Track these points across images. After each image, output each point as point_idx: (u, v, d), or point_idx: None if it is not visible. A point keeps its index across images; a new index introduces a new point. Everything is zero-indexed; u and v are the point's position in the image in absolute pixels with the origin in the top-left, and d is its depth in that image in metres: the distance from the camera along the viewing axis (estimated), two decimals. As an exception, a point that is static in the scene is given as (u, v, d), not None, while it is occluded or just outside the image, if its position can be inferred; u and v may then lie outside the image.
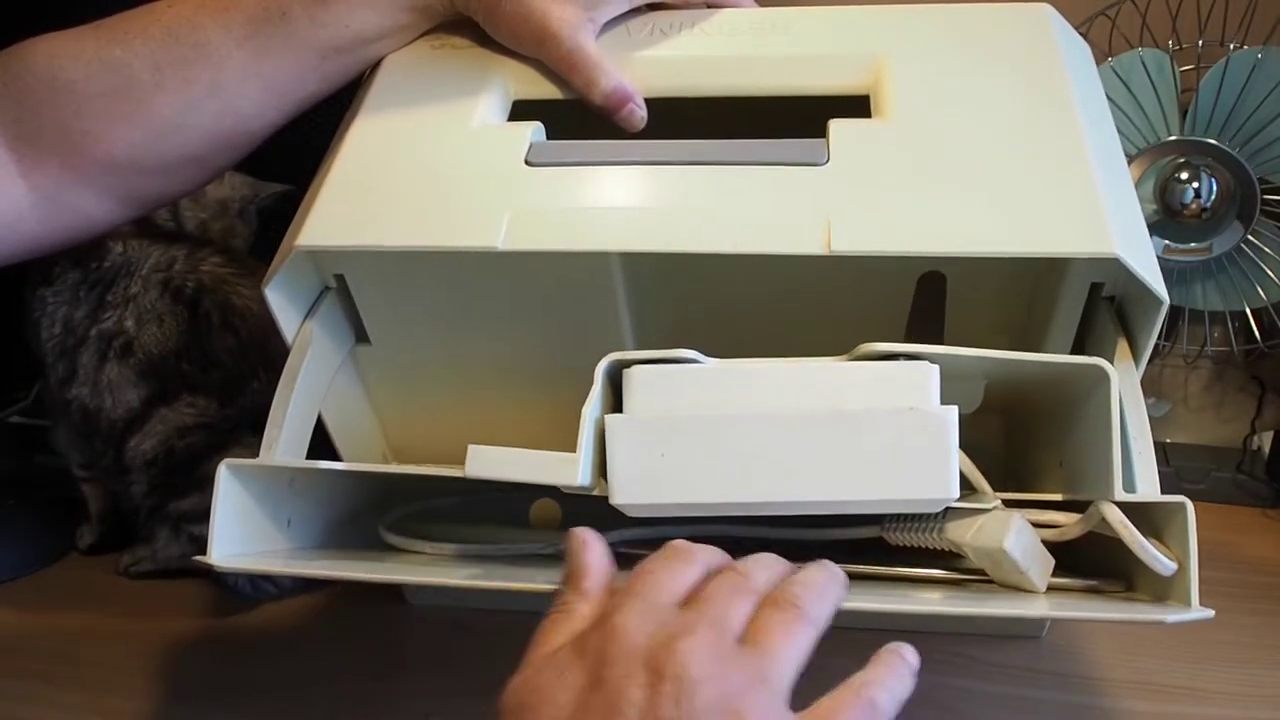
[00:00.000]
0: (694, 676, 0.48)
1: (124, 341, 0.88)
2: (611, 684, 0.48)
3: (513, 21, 0.76)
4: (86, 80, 0.74)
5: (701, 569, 0.55)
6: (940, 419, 0.56)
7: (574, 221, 0.65)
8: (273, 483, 0.70)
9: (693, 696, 0.47)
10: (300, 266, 0.72)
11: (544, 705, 0.50)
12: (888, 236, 0.62)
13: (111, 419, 0.89)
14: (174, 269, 0.89)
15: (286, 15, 0.75)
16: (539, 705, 0.50)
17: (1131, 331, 0.66)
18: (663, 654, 0.49)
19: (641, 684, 0.48)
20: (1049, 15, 0.76)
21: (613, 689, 0.48)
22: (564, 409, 0.60)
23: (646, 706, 0.47)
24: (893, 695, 0.54)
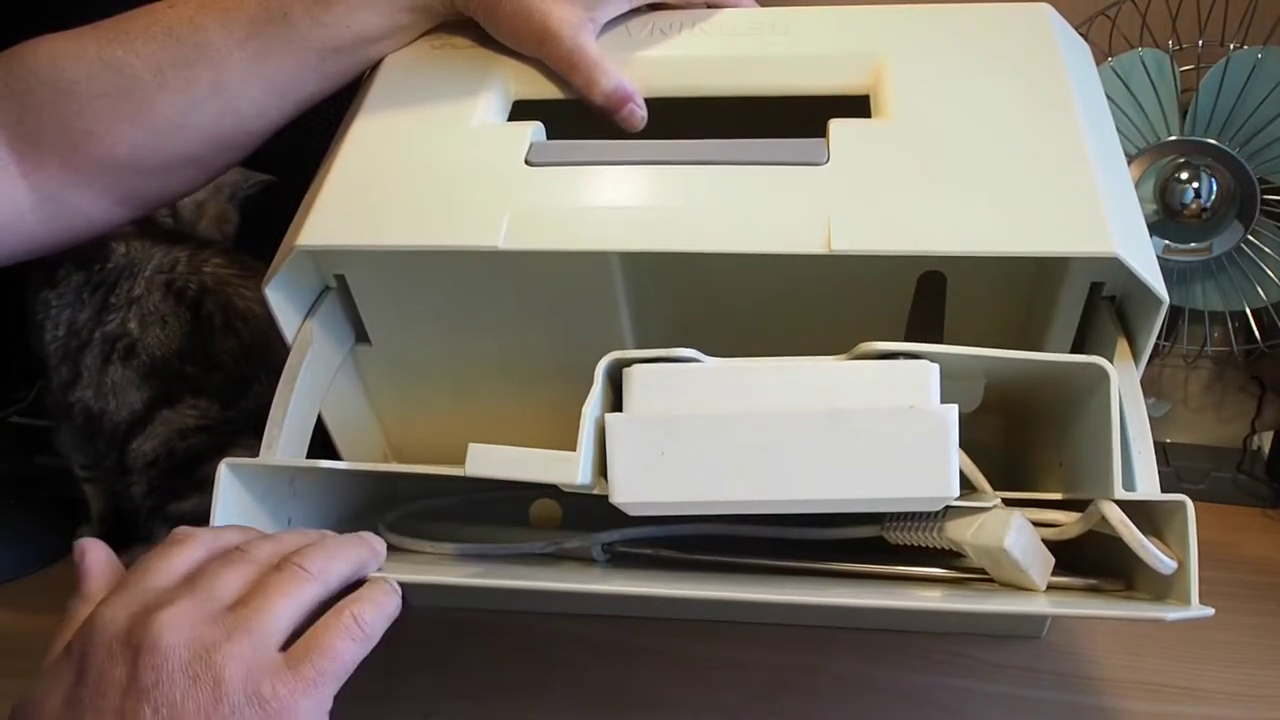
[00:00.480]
0: (169, 642, 0.49)
1: (127, 344, 0.88)
2: (94, 671, 0.50)
3: (513, 21, 0.76)
4: (88, 80, 0.74)
5: (203, 551, 0.57)
6: (940, 417, 0.56)
7: (574, 221, 0.65)
8: (273, 482, 0.70)
9: (169, 659, 0.49)
10: (300, 266, 0.72)
11: (38, 715, 0.50)
12: (888, 236, 0.62)
13: (115, 421, 0.88)
14: (176, 270, 0.89)
15: (287, 16, 0.75)
16: (34, 717, 0.50)
17: (1131, 331, 0.66)
18: (139, 629, 0.50)
19: (122, 662, 0.49)
20: (1049, 15, 0.77)
21: (95, 675, 0.49)
22: (564, 409, 0.60)
23: (128, 683, 0.49)
24: (378, 609, 0.57)
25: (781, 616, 0.84)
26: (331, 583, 0.57)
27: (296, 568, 0.55)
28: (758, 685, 0.78)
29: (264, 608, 0.53)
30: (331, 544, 0.59)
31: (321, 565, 0.56)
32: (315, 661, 0.53)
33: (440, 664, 0.81)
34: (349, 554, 0.59)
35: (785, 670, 0.79)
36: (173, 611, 0.51)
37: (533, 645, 0.82)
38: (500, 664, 0.81)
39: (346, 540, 0.60)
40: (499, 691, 0.77)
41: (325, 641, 0.54)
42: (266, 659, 0.51)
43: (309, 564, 0.56)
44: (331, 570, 0.57)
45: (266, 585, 0.54)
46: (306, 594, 0.55)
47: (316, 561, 0.56)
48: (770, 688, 0.77)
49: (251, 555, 0.57)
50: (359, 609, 0.56)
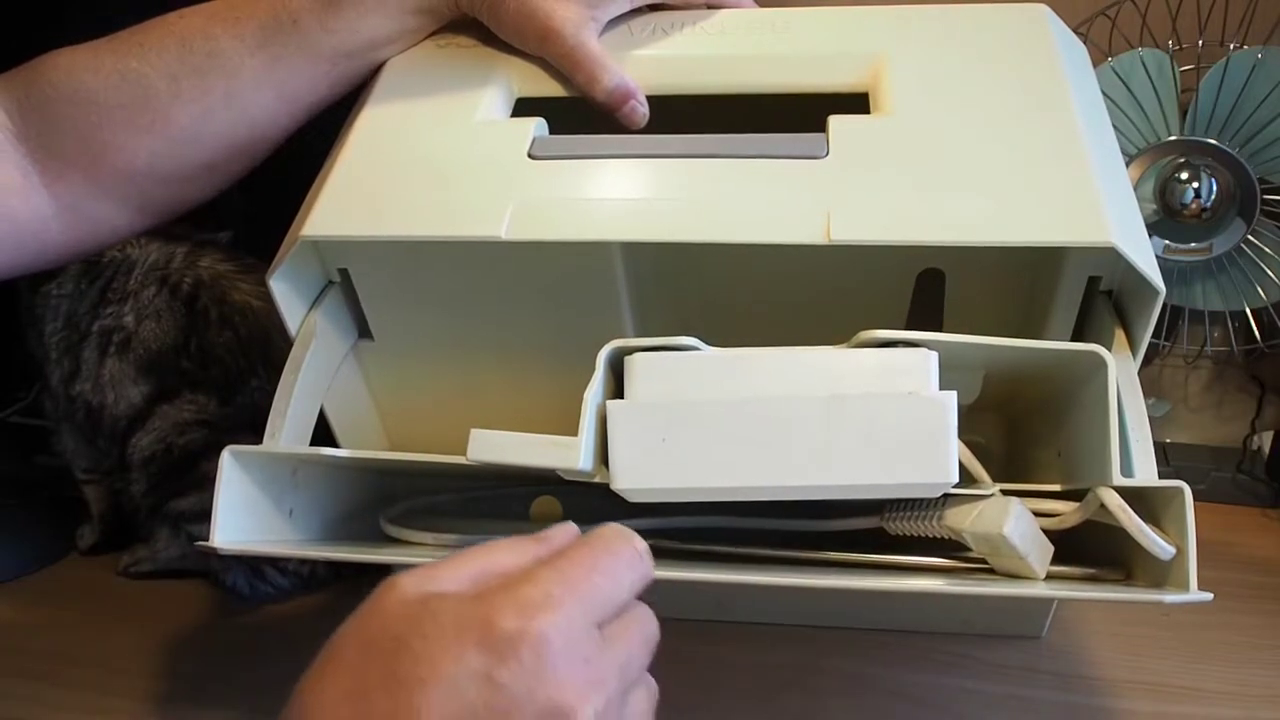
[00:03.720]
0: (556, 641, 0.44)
1: (123, 337, 0.88)
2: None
3: (516, 19, 0.77)
4: (106, 92, 0.75)
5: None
6: (939, 403, 0.57)
7: (576, 212, 0.66)
8: (276, 472, 0.70)
9: (549, 665, 0.44)
10: (305, 258, 0.73)
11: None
12: (887, 227, 0.62)
13: (114, 415, 0.89)
14: (172, 265, 0.90)
15: (297, 23, 0.76)
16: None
17: (1129, 324, 0.67)
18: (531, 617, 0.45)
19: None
20: (1046, 15, 0.77)
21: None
22: (565, 401, 0.61)
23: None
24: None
25: (781, 616, 0.84)
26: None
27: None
28: (758, 685, 0.78)
29: (631, 650, 0.49)
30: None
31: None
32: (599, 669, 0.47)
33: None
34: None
35: (785, 670, 0.79)
36: (561, 614, 0.45)
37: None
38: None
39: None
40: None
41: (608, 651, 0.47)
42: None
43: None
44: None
45: (635, 620, 0.50)
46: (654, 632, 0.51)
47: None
48: (770, 688, 0.77)
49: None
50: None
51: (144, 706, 0.79)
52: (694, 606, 0.84)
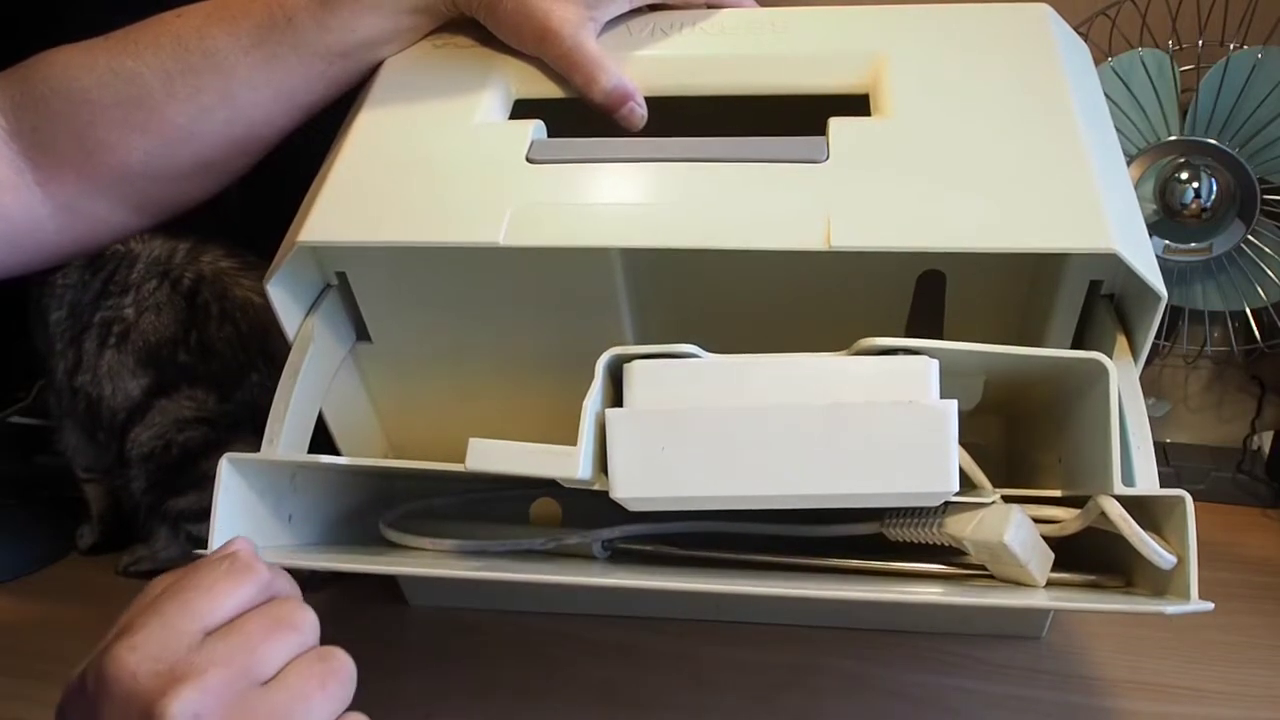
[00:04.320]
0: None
1: (122, 328, 0.88)
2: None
3: (514, 19, 0.77)
4: (100, 91, 0.75)
5: (255, 593, 0.53)
6: (939, 412, 0.56)
7: (575, 217, 0.65)
8: (274, 477, 0.70)
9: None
10: (302, 262, 0.73)
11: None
12: (887, 232, 0.62)
13: (112, 407, 0.89)
14: (174, 260, 0.90)
15: (293, 22, 0.76)
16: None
17: (1130, 328, 0.67)
18: (158, 702, 0.46)
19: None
20: (1047, 15, 0.77)
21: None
22: (565, 407, 0.61)
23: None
24: None
25: (781, 617, 0.84)
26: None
27: (343, 666, 0.52)
28: (758, 685, 0.78)
29: (299, 709, 0.48)
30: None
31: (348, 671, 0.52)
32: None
33: (440, 664, 0.81)
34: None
35: (785, 670, 0.79)
36: (199, 688, 0.46)
37: (533, 645, 0.82)
38: (500, 664, 0.81)
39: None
40: (499, 691, 0.77)
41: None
42: None
43: (350, 667, 0.52)
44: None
45: (306, 677, 0.50)
46: (340, 700, 0.50)
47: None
48: (770, 688, 0.77)
49: (300, 625, 0.52)
50: None
51: (144, 707, 0.78)
52: (693, 607, 0.84)
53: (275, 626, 0.51)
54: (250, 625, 0.50)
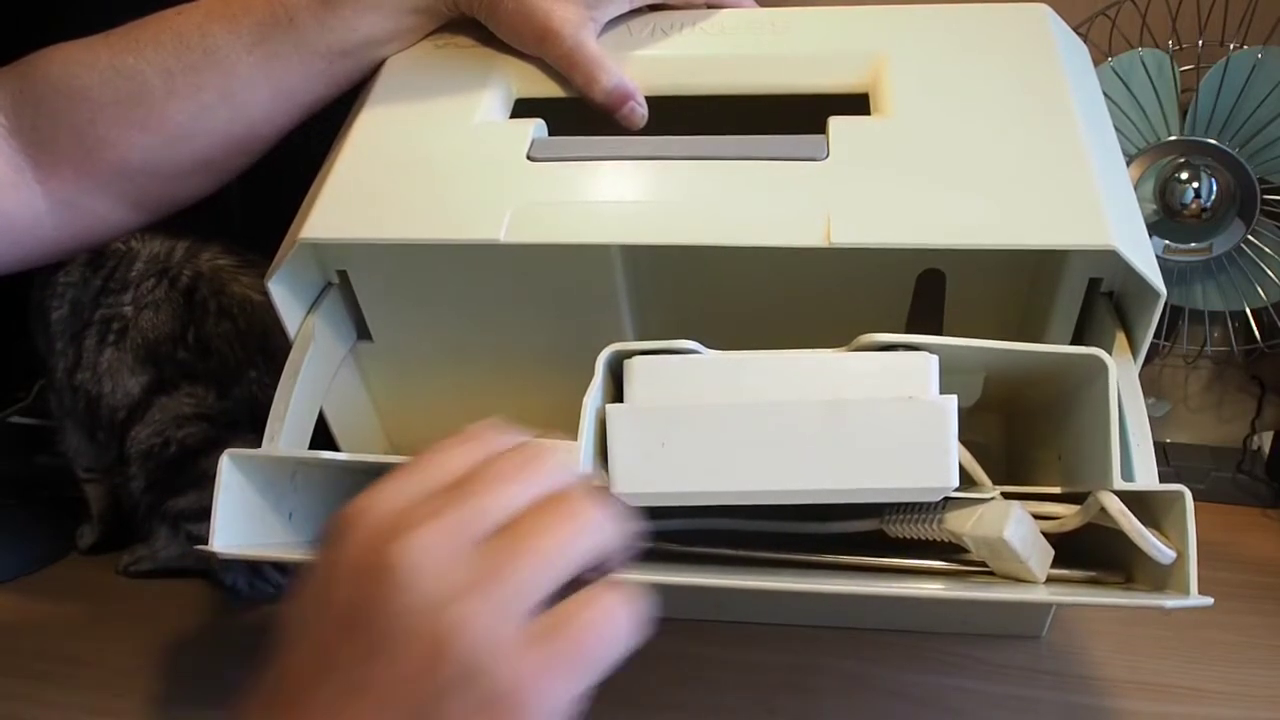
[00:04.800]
0: (403, 577, 0.42)
1: (121, 326, 0.88)
2: (323, 576, 0.44)
3: (514, 19, 0.77)
4: (100, 88, 0.75)
5: (489, 450, 0.49)
6: (939, 408, 0.57)
7: (576, 214, 0.65)
8: (275, 474, 0.70)
9: (395, 599, 0.42)
10: (303, 260, 0.73)
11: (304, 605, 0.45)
12: (887, 229, 0.62)
13: (112, 405, 0.89)
14: (173, 258, 0.90)
15: (294, 20, 0.76)
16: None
17: (1129, 326, 0.67)
18: (381, 549, 0.43)
19: (348, 582, 0.43)
20: (1046, 15, 0.77)
21: (323, 582, 0.44)
22: (565, 404, 0.61)
23: (345, 609, 0.43)
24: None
25: (781, 617, 0.84)
26: (608, 545, 0.47)
27: (587, 510, 0.46)
28: (758, 685, 0.78)
29: (531, 552, 0.44)
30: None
31: (608, 521, 0.47)
32: (566, 650, 0.43)
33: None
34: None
35: (785, 670, 0.79)
36: (422, 534, 0.43)
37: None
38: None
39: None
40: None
41: (581, 627, 0.44)
42: (509, 631, 0.42)
43: (598, 511, 0.46)
44: (610, 531, 0.47)
45: (544, 523, 0.45)
46: (584, 548, 0.45)
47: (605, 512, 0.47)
48: (770, 688, 0.77)
49: (540, 475, 0.47)
50: (627, 604, 0.45)
51: (144, 706, 0.78)
52: (693, 606, 0.84)
53: (509, 472, 0.47)
54: (485, 472, 0.47)
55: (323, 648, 0.43)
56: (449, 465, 0.48)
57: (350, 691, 0.41)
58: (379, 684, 0.41)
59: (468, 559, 0.43)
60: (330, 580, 0.44)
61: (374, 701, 0.41)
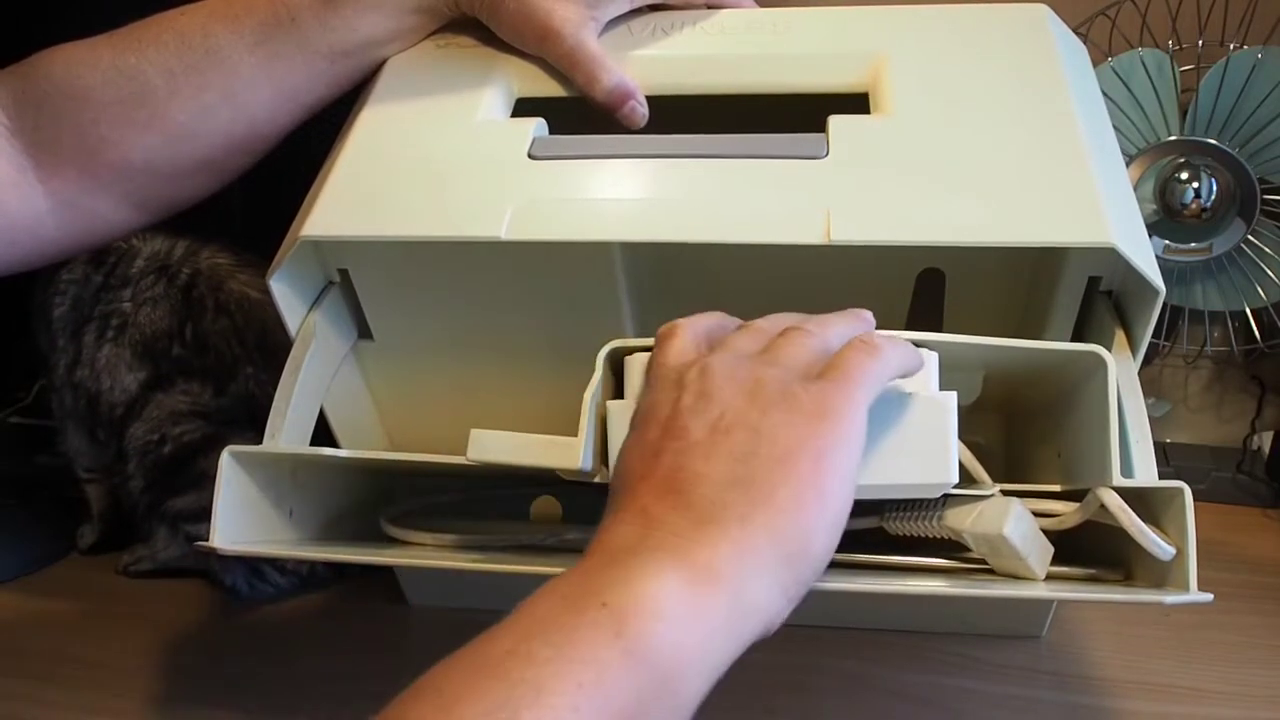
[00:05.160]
0: (717, 363, 0.54)
1: (120, 322, 0.89)
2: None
3: (516, 19, 0.77)
4: (103, 88, 0.75)
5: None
6: (940, 404, 0.57)
7: (576, 212, 0.66)
8: (275, 471, 0.70)
9: (715, 371, 0.53)
10: (305, 258, 0.73)
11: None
12: (887, 227, 0.62)
13: (110, 402, 0.89)
14: (173, 256, 0.90)
15: (296, 21, 0.76)
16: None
17: (1129, 324, 0.67)
18: (696, 364, 0.54)
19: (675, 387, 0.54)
20: (1046, 15, 0.77)
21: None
22: (566, 403, 0.61)
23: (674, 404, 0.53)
24: (894, 345, 0.56)
25: (781, 616, 0.84)
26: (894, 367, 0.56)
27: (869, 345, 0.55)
28: (757, 685, 0.77)
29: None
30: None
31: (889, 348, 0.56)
32: (841, 371, 0.53)
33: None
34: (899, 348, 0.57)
35: (785, 670, 0.79)
36: (711, 354, 0.55)
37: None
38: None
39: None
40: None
41: (845, 358, 0.54)
42: (798, 379, 0.53)
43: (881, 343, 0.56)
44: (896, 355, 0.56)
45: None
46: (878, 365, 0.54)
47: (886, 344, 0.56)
48: (770, 688, 0.77)
49: (764, 329, 0.58)
50: (871, 338, 0.56)
51: (144, 706, 0.78)
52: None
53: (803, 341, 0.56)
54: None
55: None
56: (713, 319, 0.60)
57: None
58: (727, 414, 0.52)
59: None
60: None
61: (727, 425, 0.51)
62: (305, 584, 0.92)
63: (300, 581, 0.91)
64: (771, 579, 0.48)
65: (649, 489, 0.50)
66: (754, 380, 0.53)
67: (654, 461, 0.51)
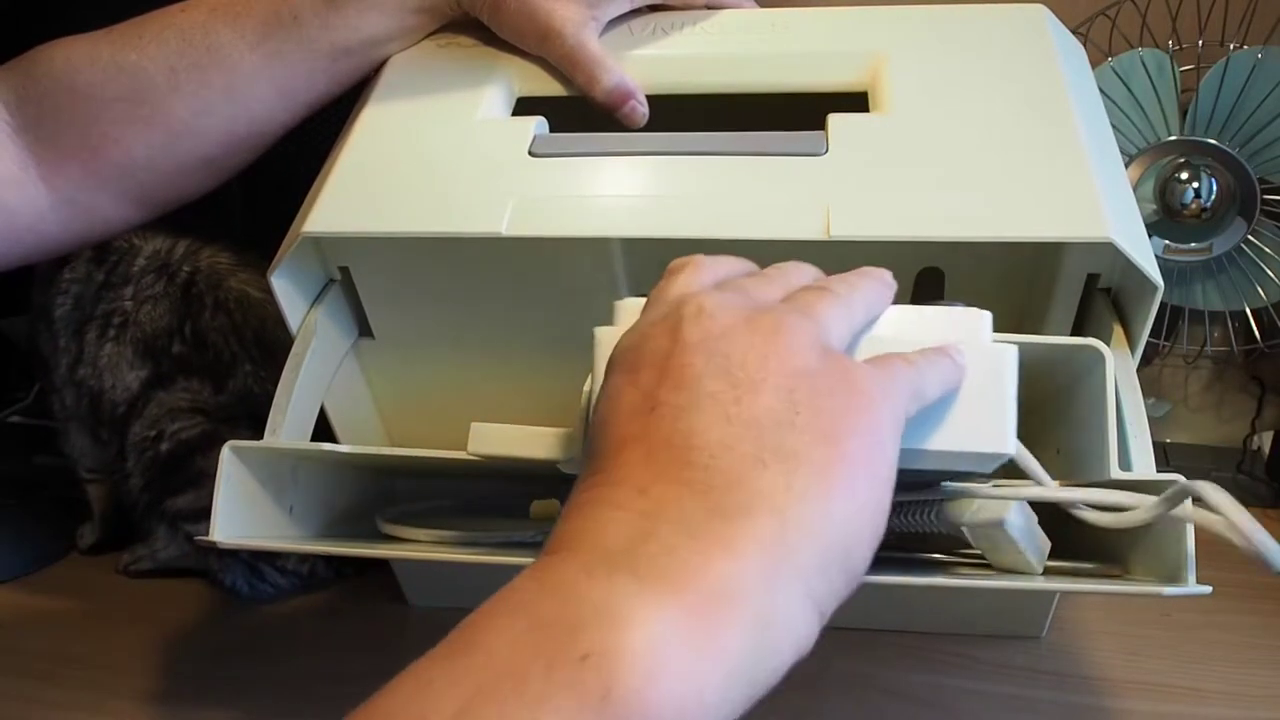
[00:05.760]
0: (718, 302, 0.46)
1: (121, 320, 0.89)
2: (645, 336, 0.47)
3: (517, 19, 0.77)
4: (104, 84, 0.75)
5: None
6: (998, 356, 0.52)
7: (577, 208, 0.66)
8: (276, 467, 0.70)
9: (723, 312, 0.45)
10: (306, 255, 0.73)
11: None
12: (886, 222, 0.62)
13: (113, 401, 0.89)
14: (174, 255, 0.91)
15: (298, 19, 0.76)
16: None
17: (1128, 321, 0.67)
18: (694, 299, 0.47)
19: (667, 325, 0.46)
20: (1044, 15, 0.77)
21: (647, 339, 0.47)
22: (566, 399, 0.61)
23: (671, 342, 0.45)
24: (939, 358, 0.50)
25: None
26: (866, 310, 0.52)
27: (837, 292, 0.50)
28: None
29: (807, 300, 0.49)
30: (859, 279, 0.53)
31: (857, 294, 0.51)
32: (885, 365, 0.47)
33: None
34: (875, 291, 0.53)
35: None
36: (711, 296, 0.47)
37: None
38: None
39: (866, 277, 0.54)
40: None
41: (890, 359, 0.48)
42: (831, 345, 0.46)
43: (852, 294, 0.51)
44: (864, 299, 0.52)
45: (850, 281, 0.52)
46: (845, 310, 0.50)
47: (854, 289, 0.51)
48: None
49: (782, 279, 0.53)
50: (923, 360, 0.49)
51: (144, 706, 0.78)
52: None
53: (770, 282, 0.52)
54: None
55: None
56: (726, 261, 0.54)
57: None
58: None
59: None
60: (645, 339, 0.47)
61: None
62: (305, 584, 0.92)
63: (300, 582, 0.91)
64: (804, 591, 0.40)
65: (643, 455, 0.41)
66: (785, 329, 0.44)
67: (649, 418, 0.42)
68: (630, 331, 0.48)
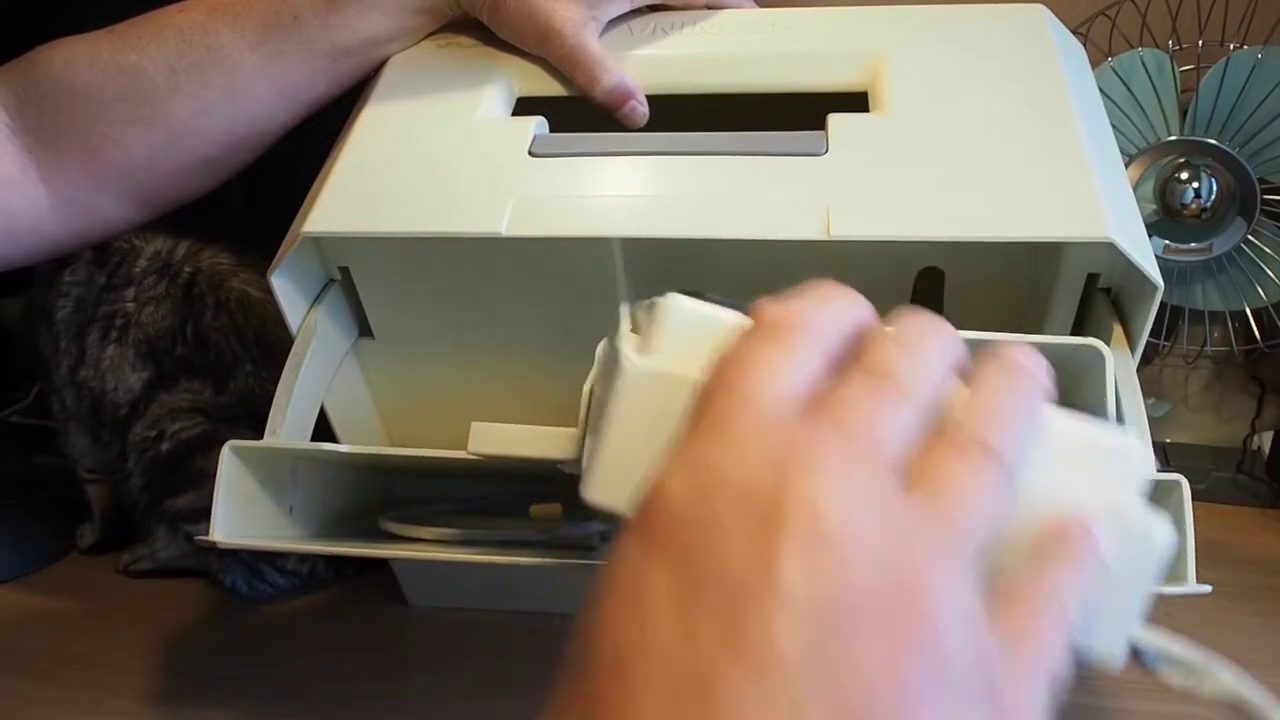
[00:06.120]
0: (835, 522, 0.31)
1: (123, 322, 0.89)
2: (703, 545, 0.31)
3: (517, 19, 0.77)
4: (103, 85, 0.75)
5: (818, 348, 0.37)
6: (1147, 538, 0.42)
7: (576, 208, 0.66)
8: (276, 467, 0.71)
9: (840, 548, 0.30)
10: (306, 255, 0.73)
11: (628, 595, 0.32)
12: (886, 222, 0.62)
13: (114, 402, 0.89)
14: (175, 255, 0.90)
15: (298, 19, 0.76)
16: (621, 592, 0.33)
17: (1127, 321, 0.67)
18: (781, 488, 0.31)
19: (748, 538, 0.30)
20: (1044, 15, 0.77)
21: (706, 551, 0.31)
22: (566, 399, 0.60)
23: (753, 576, 0.30)
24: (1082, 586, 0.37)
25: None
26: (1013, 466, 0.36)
27: (987, 450, 0.35)
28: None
29: (954, 495, 0.34)
30: (1003, 395, 0.38)
31: (1014, 445, 0.37)
32: (1034, 648, 0.36)
33: (440, 664, 0.81)
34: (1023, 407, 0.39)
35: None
36: (827, 468, 0.32)
37: (534, 645, 0.81)
38: (502, 664, 0.80)
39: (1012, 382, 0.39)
40: (499, 691, 0.77)
41: (1038, 625, 0.36)
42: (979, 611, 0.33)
43: (1004, 444, 0.36)
44: (1016, 447, 0.37)
45: (947, 464, 0.35)
46: (997, 496, 0.35)
47: (1011, 439, 0.37)
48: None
49: (903, 385, 0.36)
50: (1069, 589, 0.37)
51: (144, 706, 0.78)
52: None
53: (873, 386, 0.36)
54: (842, 389, 0.35)
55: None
56: (826, 325, 0.38)
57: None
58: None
59: (892, 484, 0.33)
60: (699, 545, 0.31)
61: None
62: (305, 584, 0.91)
63: (300, 582, 0.91)
64: None
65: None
66: (931, 595, 0.31)
67: (700, 694, 0.29)
68: (678, 459, 0.34)
